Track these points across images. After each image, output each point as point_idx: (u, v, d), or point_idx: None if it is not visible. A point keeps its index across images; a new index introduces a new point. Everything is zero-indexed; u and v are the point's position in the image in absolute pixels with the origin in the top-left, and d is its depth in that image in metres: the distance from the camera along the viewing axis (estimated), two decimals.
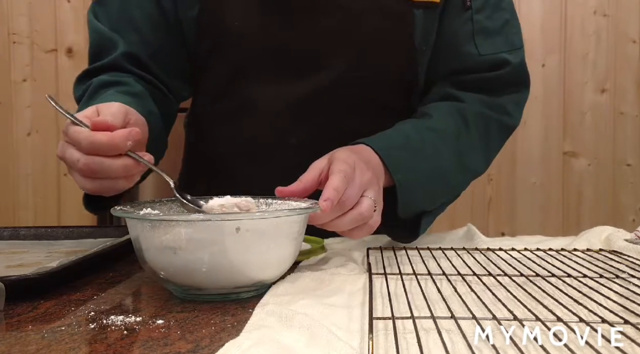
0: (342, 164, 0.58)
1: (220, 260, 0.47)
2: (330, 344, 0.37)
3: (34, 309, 0.47)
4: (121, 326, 0.42)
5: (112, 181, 0.55)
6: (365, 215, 0.58)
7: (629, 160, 2.19)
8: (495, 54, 0.75)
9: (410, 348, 0.36)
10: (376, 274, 0.55)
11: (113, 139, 0.53)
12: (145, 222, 0.48)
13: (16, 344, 0.38)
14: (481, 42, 0.75)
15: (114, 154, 0.54)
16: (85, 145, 0.53)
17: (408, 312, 0.42)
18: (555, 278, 0.54)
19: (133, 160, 0.55)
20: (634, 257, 0.63)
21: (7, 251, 0.71)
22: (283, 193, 0.58)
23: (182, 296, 0.51)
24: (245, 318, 0.44)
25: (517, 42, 0.78)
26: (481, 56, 0.75)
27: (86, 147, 0.53)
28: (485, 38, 0.75)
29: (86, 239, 0.78)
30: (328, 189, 0.54)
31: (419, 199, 0.69)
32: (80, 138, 0.53)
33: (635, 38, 2.19)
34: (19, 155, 2.13)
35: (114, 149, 0.54)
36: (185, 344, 0.38)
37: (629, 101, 2.19)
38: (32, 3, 2.12)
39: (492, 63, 0.75)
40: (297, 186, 0.58)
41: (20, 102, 2.13)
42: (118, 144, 0.53)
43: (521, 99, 0.80)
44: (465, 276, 0.54)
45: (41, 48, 2.13)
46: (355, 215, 0.57)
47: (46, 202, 2.13)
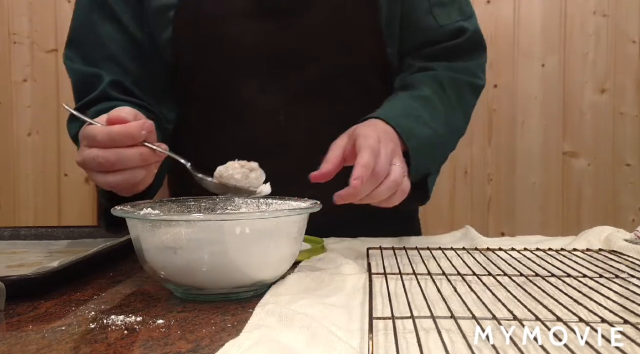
0: (367, 139, 0.61)
1: (221, 260, 0.47)
2: (330, 344, 0.37)
3: (34, 309, 0.47)
4: (121, 326, 0.42)
5: (131, 172, 0.58)
6: (398, 181, 0.61)
7: (628, 160, 2.19)
8: (453, 23, 0.82)
9: (410, 348, 0.36)
10: (376, 274, 0.55)
11: (128, 128, 0.56)
12: (146, 222, 0.49)
13: (17, 344, 0.38)
14: (438, 14, 0.81)
15: (130, 143, 0.56)
16: (102, 138, 0.56)
17: (408, 312, 0.42)
18: (555, 277, 0.54)
19: (149, 149, 0.57)
20: (634, 257, 0.63)
21: (8, 251, 0.71)
22: (316, 178, 0.60)
23: (182, 296, 0.51)
24: (245, 317, 0.44)
25: (468, 10, 0.85)
26: (441, 27, 0.81)
27: (103, 140, 0.56)
28: (442, 10, 0.81)
29: (86, 239, 0.78)
30: (357, 167, 0.57)
31: (426, 162, 0.73)
32: (97, 132, 0.56)
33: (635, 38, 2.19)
34: (19, 155, 2.13)
35: (130, 138, 0.56)
36: (185, 344, 0.38)
37: (628, 100, 2.19)
38: (32, 3, 2.12)
39: (451, 32, 0.82)
40: (327, 167, 0.61)
41: (21, 102, 2.13)
42: (133, 132, 0.56)
43: (483, 62, 0.87)
44: (465, 276, 0.54)
45: (41, 48, 2.13)
46: (390, 183, 0.61)
47: (46, 202, 2.13)
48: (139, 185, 0.61)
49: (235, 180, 0.57)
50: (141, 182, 0.61)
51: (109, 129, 0.56)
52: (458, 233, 0.81)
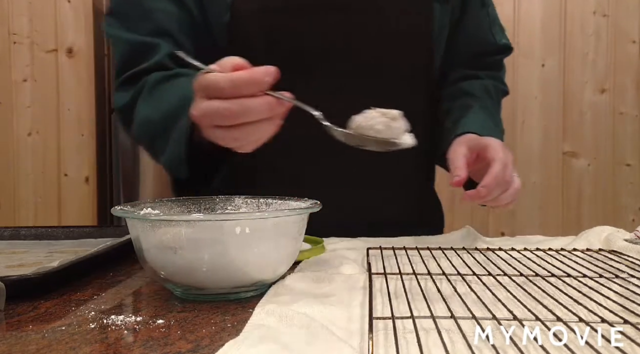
0: (498, 152, 0.71)
1: (221, 260, 0.48)
2: (330, 344, 0.37)
3: (34, 309, 0.47)
4: (121, 326, 0.42)
5: (255, 126, 0.53)
6: (518, 190, 0.73)
7: (628, 160, 2.19)
8: (503, 40, 0.95)
9: (410, 348, 0.36)
10: (376, 274, 0.55)
11: (253, 74, 0.52)
12: (146, 222, 0.49)
13: (17, 344, 0.38)
14: (495, 32, 0.94)
15: (255, 91, 0.52)
16: (225, 85, 0.51)
17: (408, 312, 0.42)
18: (555, 277, 0.54)
19: (275, 98, 0.53)
20: (634, 257, 0.63)
21: (8, 251, 0.71)
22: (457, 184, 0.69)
23: (182, 296, 0.51)
24: (245, 317, 0.44)
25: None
26: (496, 43, 0.94)
27: (226, 87, 0.52)
28: (496, 29, 0.94)
29: (86, 239, 0.78)
30: (489, 176, 0.68)
31: None
32: (219, 79, 0.52)
33: (635, 38, 2.19)
34: (19, 155, 2.13)
35: (256, 85, 0.52)
36: (185, 344, 0.38)
37: (628, 100, 2.19)
38: (32, 3, 2.12)
39: (501, 48, 0.95)
40: (463, 174, 0.70)
41: (21, 102, 2.13)
42: (259, 78, 0.51)
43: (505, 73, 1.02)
44: (465, 276, 0.54)
45: (41, 48, 2.13)
46: (513, 191, 0.72)
47: (46, 202, 2.13)
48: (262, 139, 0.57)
49: (375, 131, 0.52)
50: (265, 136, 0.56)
51: (232, 76, 0.51)
52: (458, 233, 0.81)
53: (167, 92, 0.71)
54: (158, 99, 0.72)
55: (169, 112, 0.68)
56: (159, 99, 0.72)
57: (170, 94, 0.70)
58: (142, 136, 0.76)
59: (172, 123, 0.67)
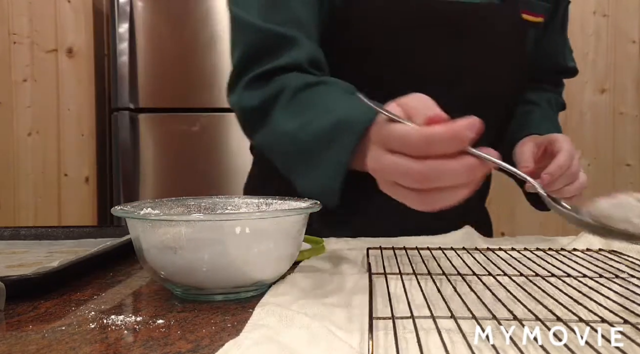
0: (565, 143, 0.72)
1: (221, 260, 0.48)
2: (330, 344, 0.37)
3: (34, 309, 0.47)
4: (121, 326, 0.42)
5: (450, 192, 0.44)
6: (584, 186, 0.74)
7: (628, 160, 2.19)
8: (572, 64, 1.00)
9: (410, 348, 0.36)
10: (376, 274, 0.55)
11: (454, 132, 0.41)
12: (146, 222, 0.49)
13: (17, 344, 0.38)
14: (567, 55, 0.98)
15: (454, 150, 0.42)
16: (418, 142, 0.42)
17: (408, 312, 0.42)
18: (555, 277, 0.54)
19: (476, 158, 0.42)
20: (634, 257, 0.63)
21: (8, 251, 0.71)
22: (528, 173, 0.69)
23: (182, 296, 0.51)
24: (245, 317, 0.44)
25: None
26: (567, 66, 0.98)
27: (420, 145, 0.42)
28: (567, 51, 0.99)
29: (86, 239, 0.78)
30: (554, 165, 0.69)
31: None
32: (411, 134, 0.43)
33: (635, 38, 2.19)
34: (19, 155, 2.13)
35: (456, 144, 0.42)
36: (185, 344, 0.38)
37: (628, 100, 2.19)
38: (32, 3, 2.12)
39: (570, 70, 1.00)
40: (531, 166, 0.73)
41: (21, 102, 2.13)
42: (460, 136, 0.41)
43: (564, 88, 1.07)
44: (465, 276, 0.54)
45: (41, 48, 2.13)
46: (577, 186, 0.73)
47: (46, 202, 2.13)
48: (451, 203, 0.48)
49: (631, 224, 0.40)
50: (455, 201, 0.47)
51: (427, 133, 0.42)
52: (458, 233, 0.81)
53: (316, 109, 0.62)
54: (303, 114, 0.62)
55: (320, 137, 0.59)
56: (304, 114, 0.63)
57: (320, 112, 0.61)
58: (276, 149, 0.67)
59: (323, 150, 0.58)
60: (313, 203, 0.55)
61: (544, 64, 0.96)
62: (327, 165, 0.57)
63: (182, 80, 1.94)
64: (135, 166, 1.93)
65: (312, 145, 0.60)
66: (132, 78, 1.93)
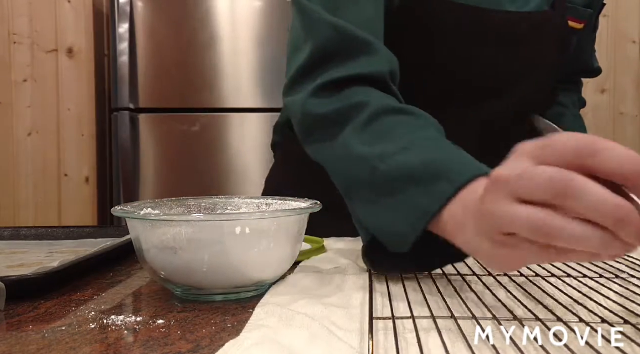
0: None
1: (221, 260, 0.48)
2: (330, 344, 0.37)
3: (34, 309, 0.47)
4: (121, 326, 0.42)
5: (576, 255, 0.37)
6: None
7: None
8: (597, 64, 1.00)
9: (410, 348, 0.36)
10: (376, 273, 0.55)
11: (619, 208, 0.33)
12: (146, 222, 0.49)
13: (17, 344, 0.38)
14: (593, 56, 0.98)
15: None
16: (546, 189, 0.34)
17: (408, 312, 0.42)
18: (555, 277, 0.54)
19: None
20: (634, 257, 0.63)
21: (8, 251, 0.71)
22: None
23: (182, 296, 0.51)
24: (245, 317, 0.44)
25: None
26: (592, 66, 0.99)
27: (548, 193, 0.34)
28: (594, 55, 0.99)
29: (86, 239, 0.78)
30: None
31: None
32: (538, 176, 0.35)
33: (635, 38, 2.19)
34: (19, 155, 2.13)
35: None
36: (185, 344, 0.38)
37: (628, 101, 2.19)
38: (33, 3, 2.12)
39: (595, 71, 1.01)
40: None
41: (21, 102, 2.13)
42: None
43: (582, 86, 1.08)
44: (465, 276, 0.54)
45: (41, 48, 2.13)
46: None
47: (46, 202, 2.13)
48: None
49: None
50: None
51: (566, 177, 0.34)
52: None
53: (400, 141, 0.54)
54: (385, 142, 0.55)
55: (402, 173, 0.51)
56: (386, 141, 0.55)
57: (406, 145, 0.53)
58: (340, 169, 0.59)
59: (402, 188, 0.51)
60: (313, 203, 0.55)
61: (575, 65, 0.97)
62: (409, 210, 0.50)
63: (182, 80, 1.94)
64: (135, 166, 1.93)
65: (392, 181, 0.52)
66: (132, 78, 1.93)
